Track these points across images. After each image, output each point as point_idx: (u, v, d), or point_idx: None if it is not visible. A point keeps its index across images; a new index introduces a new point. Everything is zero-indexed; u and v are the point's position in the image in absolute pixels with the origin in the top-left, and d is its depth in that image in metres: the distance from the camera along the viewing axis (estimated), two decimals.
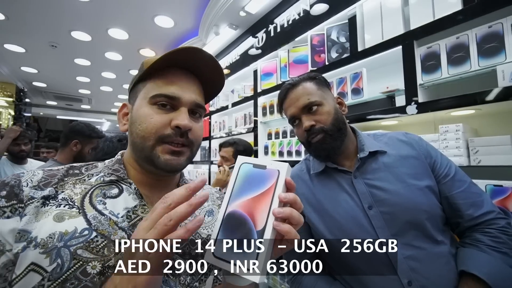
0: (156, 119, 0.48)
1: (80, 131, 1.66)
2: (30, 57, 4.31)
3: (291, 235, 0.35)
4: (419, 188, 0.74)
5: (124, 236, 0.45)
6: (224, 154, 1.79)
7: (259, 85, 2.33)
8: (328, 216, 0.78)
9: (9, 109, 5.47)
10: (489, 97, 0.97)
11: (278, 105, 0.92)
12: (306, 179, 0.88)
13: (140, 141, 0.49)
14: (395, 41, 1.31)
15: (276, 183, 0.37)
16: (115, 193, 0.50)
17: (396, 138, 0.85)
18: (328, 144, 0.78)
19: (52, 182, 0.47)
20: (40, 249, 0.39)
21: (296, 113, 0.82)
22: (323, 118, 0.79)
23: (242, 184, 0.39)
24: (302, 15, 1.96)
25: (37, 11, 2.93)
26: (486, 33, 1.02)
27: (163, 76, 0.51)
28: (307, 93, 0.81)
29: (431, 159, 0.78)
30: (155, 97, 0.49)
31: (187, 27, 3.24)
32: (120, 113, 0.56)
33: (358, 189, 0.77)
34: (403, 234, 0.70)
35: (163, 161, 0.48)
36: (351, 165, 0.82)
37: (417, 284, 0.66)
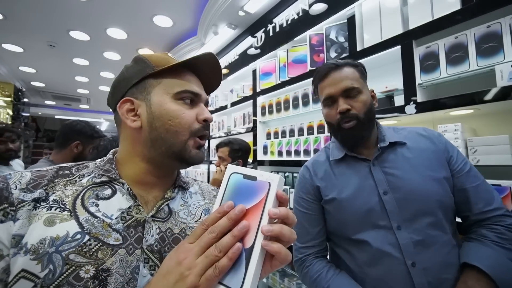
0: (188, 113, 0.51)
1: (82, 131, 1.53)
2: (28, 57, 4.30)
3: (281, 255, 0.33)
4: (434, 178, 0.77)
5: (119, 238, 0.44)
6: (220, 154, 1.81)
7: (258, 84, 2.33)
8: (343, 197, 0.82)
9: (7, 109, 5.45)
10: (487, 96, 0.98)
11: (314, 82, 0.92)
12: (326, 165, 0.91)
13: (171, 136, 0.50)
14: (394, 40, 1.31)
15: (267, 197, 0.34)
16: (108, 194, 0.49)
17: (416, 132, 0.88)
18: (358, 132, 0.81)
19: (42, 183, 0.46)
20: (31, 255, 0.38)
21: (334, 93, 0.83)
22: (359, 105, 0.81)
23: (231, 197, 0.37)
24: (301, 15, 1.96)
25: (35, 10, 2.92)
26: (484, 33, 1.02)
27: (180, 75, 0.53)
28: (351, 77, 0.83)
29: (448, 153, 0.81)
30: (181, 93, 0.51)
31: (186, 26, 3.23)
32: (122, 109, 0.52)
33: (375, 176, 0.80)
34: (414, 220, 0.74)
35: (194, 155, 0.51)
36: (369, 154, 0.85)
37: (420, 267, 0.69)
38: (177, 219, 0.53)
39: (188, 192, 0.60)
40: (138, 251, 0.45)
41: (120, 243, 0.44)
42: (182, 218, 0.54)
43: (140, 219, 0.48)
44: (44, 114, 8.29)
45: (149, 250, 0.46)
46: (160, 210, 0.51)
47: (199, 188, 0.64)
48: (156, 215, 0.50)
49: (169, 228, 0.51)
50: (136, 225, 0.47)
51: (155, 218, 0.50)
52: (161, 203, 0.52)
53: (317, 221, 0.88)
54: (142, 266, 0.45)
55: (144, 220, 0.48)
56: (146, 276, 0.45)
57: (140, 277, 0.44)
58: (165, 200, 0.53)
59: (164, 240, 0.49)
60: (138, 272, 0.44)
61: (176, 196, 0.56)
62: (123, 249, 0.44)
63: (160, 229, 0.50)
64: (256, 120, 2.33)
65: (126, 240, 0.45)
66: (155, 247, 0.47)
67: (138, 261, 0.45)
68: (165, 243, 0.49)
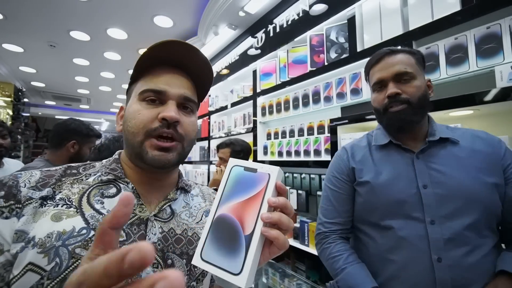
0: (144, 113, 0.49)
1: (77, 130, 1.50)
2: (29, 57, 4.30)
3: (279, 241, 0.34)
4: (483, 182, 0.73)
5: (122, 234, 0.45)
6: (221, 155, 1.81)
7: (258, 85, 2.33)
8: (378, 182, 0.80)
9: (7, 109, 5.45)
10: (487, 97, 0.98)
11: (367, 67, 0.90)
12: (365, 150, 0.89)
13: (130, 138, 0.49)
14: (394, 41, 1.32)
15: (266, 187, 0.36)
16: (113, 192, 0.50)
17: (473, 133, 0.83)
18: (408, 116, 0.77)
19: (50, 182, 0.47)
20: (38, 249, 0.39)
21: (386, 77, 0.80)
22: (412, 90, 0.78)
23: (232, 187, 0.38)
24: (302, 15, 1.97)
25: (35, 10, 2.92)
26: (484, 34, 1.02)
27: (151, 73, 0.51)
28: (406, 63, 0.79)
29: (506, 161, 0.76)
30: (143, 93, 0.50)
31: (186, 27, 3.24)
32: (118, 116, 0.57)
33: (417, 168, 0.77)
34: (451, 218, 0.71)
35: (151, 157, 0.48)
36: (415, 146, 0.82)
37: (446, 263, 0.68)
38: (179, 220, 0.54)
39: (190, 195, 0.61)
40: None
41: (123, 239, 0.45)
42: (184, 219, 0.55)
43: (143, 217, 0.49)
44: (44, 114, 8.30)
45: None
46: (162, 210, 0.52)
47: (200, 191, 0.65)
48: (158, 215, 0.51)
49: (172, 228, 0.52)
50: (139, 223, 0.48)
51: (157, 217, 0.51)
52: (163, 203, 0.53)
53: (346, 201, 0.87)
54: None
55: (147, 218, 0.49)
56: (149, 274, 0.45)
57: (144, 275, 0.45)
58: (168, 201, 0.54)
59: (167, 240, 0.50)
60: None
61: (178, 198, 0.57)
62: (127, 246, 0.44)
63: (163, 229, 0.50)
64: (256, 121, 2.33)
65: (130, 237, 0.46)
66: (158, 245, 0.48)
67: None
68: (168, 243, 0.50)
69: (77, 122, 1.53)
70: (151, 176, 0.54)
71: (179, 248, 0.50)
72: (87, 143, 1.55)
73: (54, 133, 1.50)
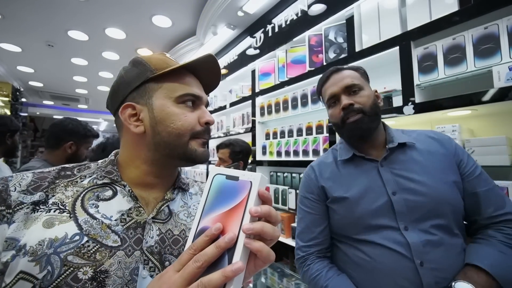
0: (190, 116, 0.52)
1: (74, 130, 1.47)
2: (26, 57, 4.28)
3: (262, 254, 0.32)
4: (445, 181, 0.76)
5: (117, 240, 0.44)
6: (221, 155, 1.80)
7: (257, 85, 2.33)
8: (349, 197, 0.82)
9: (5, 108, 5.42)
10: (485, 97, 0.98)
11: (318, 88, 0.96)
12: (332, 166, 0.91)
13: (174, 139, 0.50)
14: (392, 41, 1.32)
15: (249, 195, 0.34)
16: (109, 195, 0.49)
17: (425, 134, 0.88)
18: (365, 124, 0.82)
19: (43, 186, 0.46)
20: (29, 257, 0.39)
21: (337, 92, 0.86)
22: (363, 100, 0.83)
23: (214, 198, 0.37)
24: (300, 16, 1.97)
25: (33, 10, 2.91)
26: (482, 34, 1.03)
27: (180, 78, 0.53)
28: (352, 76, 0.86)
29: (458, 157, 0.81)
30: (183, 97, 0.52)
31: (185, 27, 3.23)
32: (124, 115, 0.51)
33: (384, 177, 0.80)
34: (423, 221, 0.73)
35: (200, 153, 0.52)
36: (378, 155, 0.85)
37: (428, 266, 0.69)
38: (177, 221, 0.53)
39: (188, 193, 0.61)
40: (137, 252, 0.45)
41: (118, 245, 0.44)
42: (182, 219, 0.54)
43: (140, 221, 0.48)
44: (42, 114, 8.26)
45: (149, 252, 0.46)
46: (161, 211, 0.52)
47: (199, 189, 0.65)
48: (156, 217, 0.50)
49: (169, 229, 0.51)
50: (136, 227, 0.47)
51: (155, 219, 0.50)
52: (161, 204, 0.52)
53: (320, 221, 0.88)
54: (141, 268, 0.45)
55: (145, 222, 0.49)
56: (146, 278, 0.44)
57: (140, 279, 0.44)
58: (165, 201, 0.53)
59: (164, 241, 0.49)
60: (138, 274, 0.44)
61: (176, 197, 0.56)
62: (122, 251, 0.44)
63: (161, 231, 0.50)
64: (255, 121, 2.33)
65: (125, 241, 0.45)
66: (155, 248, 0.47)
67: (137, 263, 0.45)
68: (165, 244, 0.49)
69: (74, 123, 1.51)
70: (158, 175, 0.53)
71: (177, 249, 0.50)
72: (84, 143, 1.53)
73: (51, 133, 1.48)
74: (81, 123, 1.54)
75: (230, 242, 0.32)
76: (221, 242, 0.32)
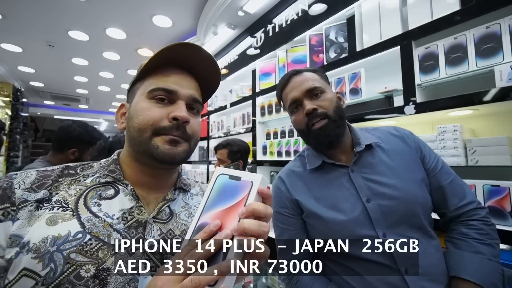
0: (154, 111, 0.49)
1: (79, 138, 1.48)
2: (27, 57, 4.29)
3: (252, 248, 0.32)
4: (414, 181, 0.77)
5: (119, 238, 0.45)
6: (219, 156, 1.80)
7: (258, 85, 2.33)
8: (326, 210, 0.78)
9: (6, 109, 5.44)
10: (486, 97, 0.98)
11: (278, 92, 0.91)
12: (302, 175, 0.87)
13: (137, 135, 0.49)
14: (393, 41, 1.31)
15: (248, 194, 0.36)
16: (111, 194, 0.49)
17: (388, 132, 0.87)
18: (332, 130, 0.78)
19: (46, 184, 0.46)
20: (32, 254, 0.39)
21: (298, 97, 0.81)
22: (326, 104, 0.79)
23: (216, 196, 0.38)
24: (301, 15, 1.96)
25: (34, 10, 2.91)
26: (483, 33, 1.02)
27: (161, 72, 0.52)
28: (312, 79, 0.82)
29: (421, 153, 0.81)
30: (153, 91, 0.50)
31: (185, 26, 3.23)
32: (118, 113, 0.56)
33: (356, 183, 0.78)
34: (398, 225, 0.73)
35: (162, 151, 0.48)
36: (348, 160, 0.83)
37: (412, 271, 0.68)
38: (178, 221, 0.53)
39: (189, 194, 0.61)
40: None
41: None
42: (183, 220, 0.54)
43: (141, 220, 0.49)
44: (43, 114, 8.28)
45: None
46: (161, 211, 0.52)
47: (200, 190, 0.65)
48: (157, 217, 0.51)
49: (170, 229, 0.51)
50: (137, 226, 0.48)
51: (156, 219, 0.50)
52: (161, 204, 0.52)
53: (299, 235, 0.83)
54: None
55: (145, 221, 0.49)
56: (147, 277, 0.45)
57: (141, 278, 0.44)
58: (166, 201, 0.53)
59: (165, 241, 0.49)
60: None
61: (177, 198, 0.56)
62: (123, 250, 0.44)
63: (161, 231, 0.50)
64: (255, 121, 2.32)
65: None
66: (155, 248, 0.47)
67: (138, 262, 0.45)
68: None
69: (79, 130, 1.51)
70: (152, 176, 0.53)
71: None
72: (88, 149, 1.54)
73: (56, 137, 1.49)
74: (88, 130, 1.54)
75: (226, 237, 0.33)
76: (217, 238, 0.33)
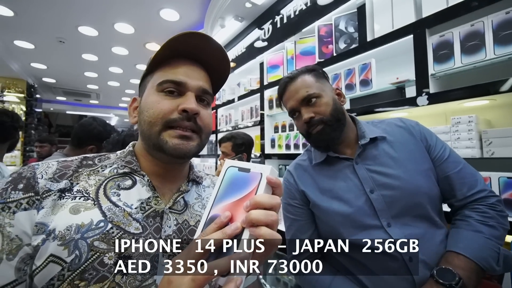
0: (164, 103, 0.48)
1: (98, 136, 1.49)
2: (39, 53, 4.38)
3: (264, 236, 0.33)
4: (419, 171, 0.77)
5: (138, 227, 0.46)
6: (223, 149, 1.81)
7: (265, 78, 2.31)
8: (330, 201, 0.81)
9: (20, 105, 5.60)
10: (504, 87, 0.94)
11: (278, 98, 0.94)
12: (309, 170, 0.90)
13: (147, 128, 0.49)
14: (405, 30, 1.27)
15: (258, 186, 0.36)
16: (129, 184, 0.51)
17: (394, 124, 0.87)
18: (328, 135, 0.81)
19: (67, 174, 0.48)
20: (58, 241, 0.40)
21: (295, 105, 0.84)
22: (322, 109, 0.81)
23: (226, 188, 0.39)
24: (309, 5, 1.92)
25: (44, 6, 2.95)
26: (503, 19, 0.97)
27: (169, 64, 0.51)
28: (306, 85, 0.83)
29: (427, 142, 0.81)
30: (162, 84, 0.50)
31: (192, 20, 3.22)
32: (130, 107, 0.57)
33: (360, 174, 0.79)
34: (403, 215, 0.73)
35: (171, 146, 0.47)
36: (352, 153, 0.84)
37: (416, 261, 0.69)
38: (192, 212, 0.55)
39: (202, 186, 0.62)
40: (158, 240, 0.47)
41: (140, 232, 0.46)
42: (197, 211, 0.56)
43: (159, 210, 0.50)
44: (56, 110, 8.50)
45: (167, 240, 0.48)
46: (177, 202, 0.53)
47: (211, 182, 0.66)
48: (172, 207, 0.52)
49: (186, 220, 0.53)
50: (155, 216, 0.49)
51: (172, 210, 0.52)
52: (177, 195, 0.54)
53: (307, 226, 0.87)
54: (161, 255, 0.47)
55: (162, 211, 0.50)
56: (165, 265, 0.46)
57: (159, 266, 0.46)
58: (180, 193, 0.55)
59: (181, 231, 0.51)
60: (158, 261, 0.46)
61: (190, 190, 0.58)
62: (143, 238, 0.46)
63: (177, 221, 0.51)
64: (263, 114, 2.32)
65: (146, 229, 0.47)
66: (173, 237, 0.49)
67: (157, 250, 0.46)
68: (182, 234, 0.51)
69: (99, 128, 1.53)
70: (166, 168, 0.54)
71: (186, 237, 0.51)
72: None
73: (76, 133, 1.52)
74: (107, 128, 1.56)
75: (236, 230, 0.33)
76: (227, 229, 0.34)
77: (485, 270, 0.64)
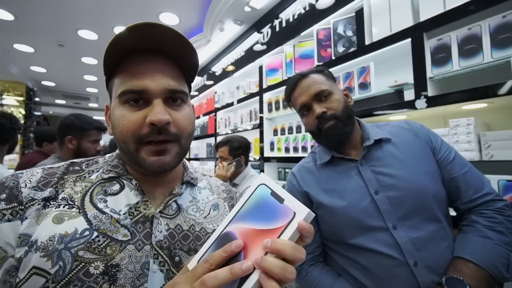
0: (130, 119, 0.44)
1: (71, 125, 1.49)
2: (39, 57, 4.39)
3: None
4: (424, 172, 0.76)
5: (127, 234, 0.44)
6: (221, 154, 1.81)
7: (265, 81, 2.31)
8: (334, 201, 0.80)
9: (19, 108, 5.59)
10: (502, 90, 0.94)
11: (286, 96, 0.94)
12: (312, 170, 0.90)
13: (123, 146, 0.46)
14: (403, 33, 1.28)
15: (286, 226, 0.31)
16: (117, 189, 0.49)
17: (399, 126, 0.88)
18: (340, 129, 0.81)
19: (52, 181, 0.46)
20: (40, 253, 0.39)
21: (307, 101, 0.84)
22: (334, 105, 0.82)
23: (251, 208, 0.34)
24: (308, 9, 1.93)
25: (44, 10, 2.97)
26: (500, 23, 0.98)
27: (126, 69, 0.45)
28: (318, 82, 0.84)
29: (432, 144, 0.81)
30: (123, 95, 0.45)
31: (192, 23, 3.23)
32: (106, 116, 0.52)
33: (365, 176, 0.79)
34: (409, 217, 0.72)
35: (149, 164, 0.45)
36: (357, 154, 0.84)
37: (422, 265, 0.67)
38: (185, 216, 0.52)
39: (197, 188, 0.59)
40: (147, 247, 0.45)
41: (128, 239, 0.44)
42: (191, 214, 0.53)
43: (148, 215, 0.48)
44: (55, 113, 8.47)
45: (158, 246, 0.46)
46: (168, 206, 0.51)
47: (207, 183, 0.63)
48: (163, 211, 0.50)
49: (178, 225, 0.50)
50: (144, 221, 0.47)
51: (163, 214, 0.50)
52: (168, 199, 0.51)
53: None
54: (152, 262, 0.45)
55: (152, 215, 0.48)
56: (156, 272, 0.45)
57: (150, 273, 0.44)
58: (173, 196, 0.52)
59: (173, 237, 0.49)
60: (148, 268, 0.44)
61: (184, 192, 0.55)
62: (132, 245, 0.44)
63: (169, 226, 0.49)
64: (262, 117, 2.32)
65: (135, 236, 0.45)
66: (164, 243, 0.47)
67: (147, 257, 0.45)
68: (175, 240, 0.48)
69: (71, 117, 1.52)
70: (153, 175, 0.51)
71: (187, 245, 0.49)
72: (85, 137, 1.53)
73: (56, 131, 1.54)
74: (80, 117, 1.54)
75: (246, 271, 0.30)
76: (237, 269, 0.30)
77: (494, 278, 0.62)
